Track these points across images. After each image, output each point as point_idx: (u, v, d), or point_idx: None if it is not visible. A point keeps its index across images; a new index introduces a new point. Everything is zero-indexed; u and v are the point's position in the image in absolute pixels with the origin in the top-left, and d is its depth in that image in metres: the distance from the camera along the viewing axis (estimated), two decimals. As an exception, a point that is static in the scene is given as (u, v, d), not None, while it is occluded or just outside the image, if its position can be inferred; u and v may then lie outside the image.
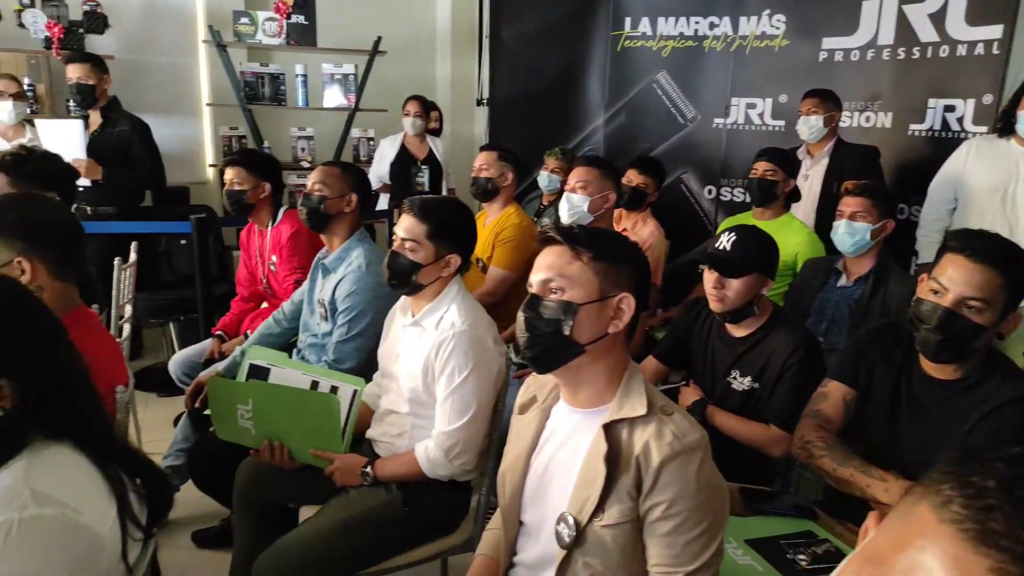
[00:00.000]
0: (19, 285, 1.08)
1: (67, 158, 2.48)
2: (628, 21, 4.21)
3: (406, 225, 1.77)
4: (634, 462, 1.11)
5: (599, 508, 1.12)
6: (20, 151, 2.11)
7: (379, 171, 4.35)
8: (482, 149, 3.21)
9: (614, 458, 1.12)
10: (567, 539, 1.14)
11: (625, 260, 1.22)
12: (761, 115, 3.93)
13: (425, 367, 1.75)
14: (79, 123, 3.36)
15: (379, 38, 4.46)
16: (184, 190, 4.33)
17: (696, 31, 4.06)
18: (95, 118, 3.57)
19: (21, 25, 3.72)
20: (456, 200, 1.94)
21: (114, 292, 2.70)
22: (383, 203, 4.03)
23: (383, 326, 2.05)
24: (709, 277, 1.87)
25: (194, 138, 4.55)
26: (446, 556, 1.92)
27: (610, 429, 1.15)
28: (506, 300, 2.87)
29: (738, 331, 1.92)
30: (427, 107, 4.37)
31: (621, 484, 1.12)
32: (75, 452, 0.99)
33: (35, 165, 2.07)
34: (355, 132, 4.69)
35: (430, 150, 4.40)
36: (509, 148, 3.17)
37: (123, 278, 2.74)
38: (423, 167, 4.33)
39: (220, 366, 2.42)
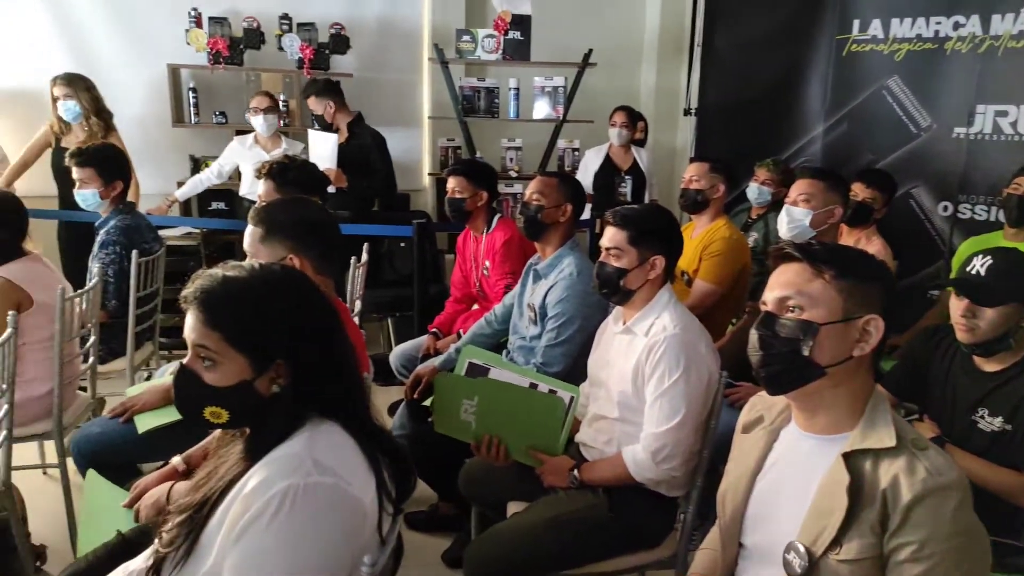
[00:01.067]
0: (301, 274, 1.23)
1: (320, 167, 2.80)
2: (856, 24, 3.93)
3: (608, 235, 1.86)
4: (880, 496, 1.04)
5: (836, 541, 1.07)
6: (284, 160, 2.41)
7: (583, 181, 4.41)
8: (693, 160, 3.16)
9: (856, 490, 1.06)
10: (799, 569, 1.10)
11: (873, 279, 1.15)
12: (1014, 124, 3.49)
13: (635, 371, 1.78)
14: (335, 136, 3.79)
15: (590, 50, 4.55)
16: (405, 197, 4.70)
17: (937, 32, 3.70)
18: (343, 131, 4.00)
19: (280, 48, 4.25)
20: (655, 204, 1.97)
21: (348, 288, 2.99)
22: (586, 213, 4.10)
23: (592, 334, 2.10)
24: (958, 304, 1.70)
25: (415, 148, 4.92)
26: (645, 570, 1.92)
27: (851, 459, 1.09)
28: (709, 315, 2.80)
29: (989, 365, 1.73)
30: (634, 118, 4.39)
31: (863, 518, 1.05)
32: (342, 430, 1.11)
33: (296, 173, 2.35)
34: (561, 143, 4.81)
35: (634, 160, 4.41)
36: (720, 159, 3.09)
37: (356, 276, 3.02)
38: (627, 177, 4.34)
39: (437, 361, 2.59)
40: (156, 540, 1.13)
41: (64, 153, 3.62)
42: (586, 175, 4.43)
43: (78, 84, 3.68)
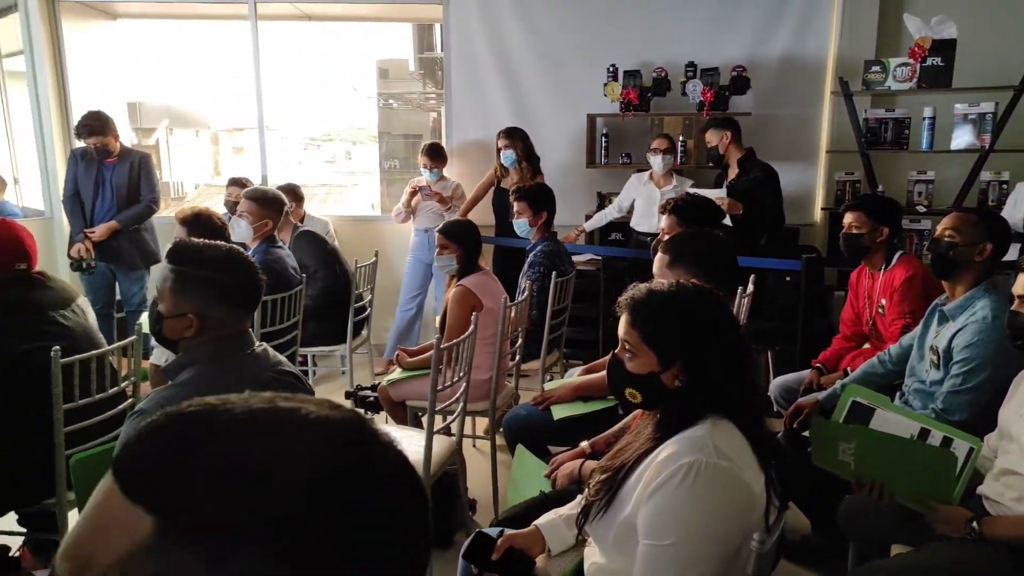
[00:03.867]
0: (711, 293, 1.45)
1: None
2: None
3: (1021, 282, 1.73)
4: None
5: None
6: (685, 197, 2.69)
7: (1012, 217, 3.87)
8: None
9: None
10: None
11: None
12: None
13: None
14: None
15: (1032, 70, 4.00)
16: (795, 230, 4.65)
17: None
18: (733, 166, 4.20)
19: (683, 93, 4.60)
20: None
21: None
22: (1012, 253, 3.60)
23: (1004, 384, 1.93)
24: None
25: (808, 183, 4.84)
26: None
27: None
28: None
29: None
30: (1090, 145, 3.72)
31: None
32: (736, 429, 1.30)
33: (695, 210, 2.61)
34: (985, 175, 4.28)
35: (1089, 194, 3.73)
36: None
37: (741, 305, 3.16)
38: (1076, 214, 3.70)
39: (820, 395, 2.59)
40: (584, 491, 1.45)
41: (502, 191, 4.48)
42: (1016, 211, 3.88)
43: (516, 136, 4.52)
